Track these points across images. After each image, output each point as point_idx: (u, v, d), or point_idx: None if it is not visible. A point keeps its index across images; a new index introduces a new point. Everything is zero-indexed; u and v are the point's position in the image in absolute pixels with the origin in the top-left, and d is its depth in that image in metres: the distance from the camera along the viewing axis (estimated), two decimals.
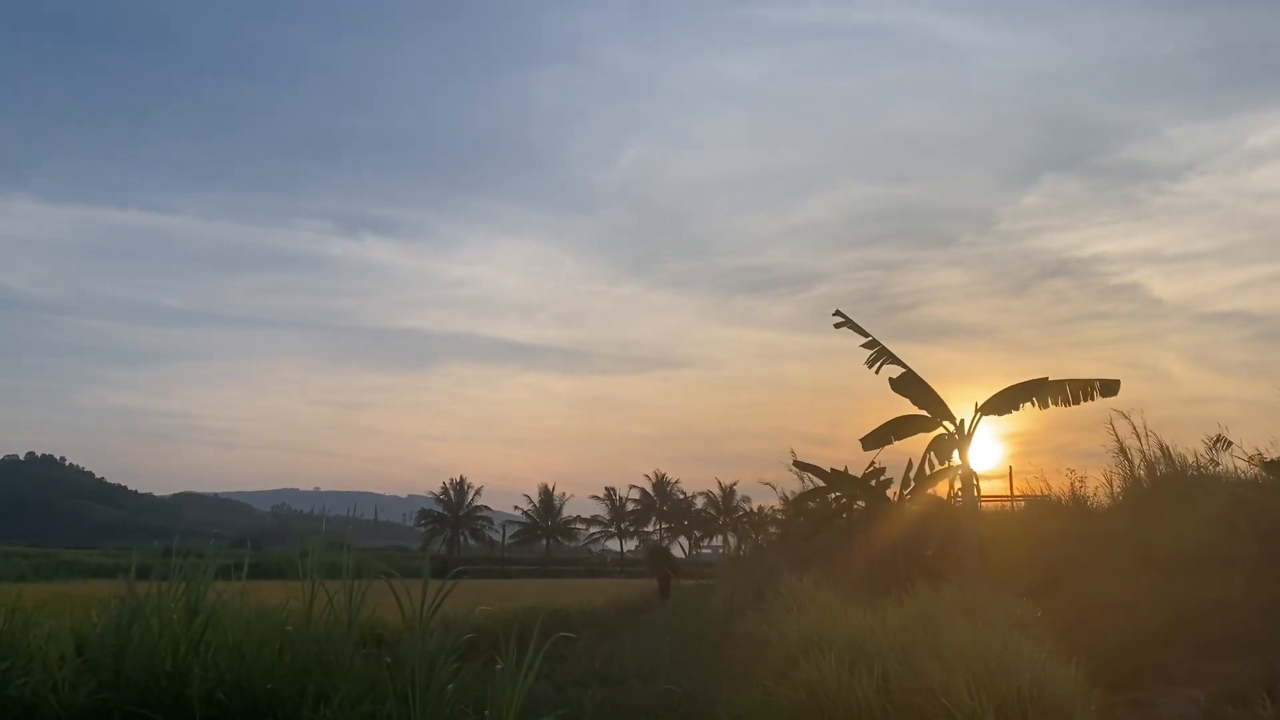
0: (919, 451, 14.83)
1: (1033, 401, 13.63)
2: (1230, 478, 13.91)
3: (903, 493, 15.90)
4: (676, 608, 19.39)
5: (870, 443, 14.96)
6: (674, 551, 48.08)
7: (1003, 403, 13.77)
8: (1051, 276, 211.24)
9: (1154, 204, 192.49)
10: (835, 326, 14.69)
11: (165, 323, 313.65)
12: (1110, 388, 13.49)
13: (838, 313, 14.71)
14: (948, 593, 9.70)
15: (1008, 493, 18.08)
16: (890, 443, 14.81)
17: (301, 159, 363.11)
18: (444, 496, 75.41)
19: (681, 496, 77.79)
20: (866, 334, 14.52)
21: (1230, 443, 13.91)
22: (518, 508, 76.61)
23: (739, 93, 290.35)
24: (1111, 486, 15.65)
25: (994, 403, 13.82)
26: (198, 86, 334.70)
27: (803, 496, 19.83)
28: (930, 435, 14.38)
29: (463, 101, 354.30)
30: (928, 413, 14.24)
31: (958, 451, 13.99)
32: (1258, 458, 13.31)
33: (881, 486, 16.57)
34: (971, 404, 14.04)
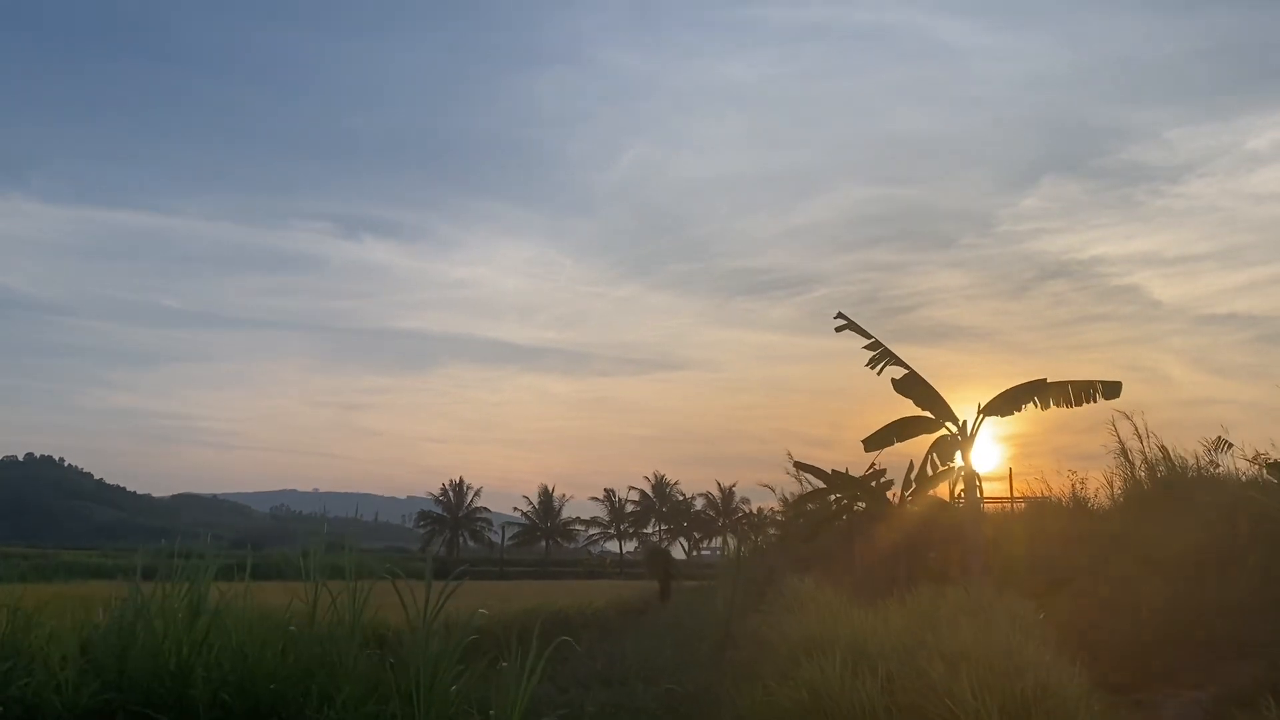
0: (919, 453, 14.86)
1: (1035, 402, 13.64)
2: (1231, 479, 13.90)
3: (904, 494, 15.88)
4: (677, 609, 19.31)
5: (872, 444, 14.95)
6: (674, 553, 48.07)
7: (1005, 404, 13.78)
8: (1051, 278, 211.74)
9: (1154, 206, 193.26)
10: (837, 329, 14.69)
11: (165, 323, 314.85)
12: (1113, 389, 13.50)
13: (840, 315, 14.72)
14: (951, 594, 9.71)
15: (1008, 494, 18.09)
16: (893, 444, 14.81)
17: (301, 159, 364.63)
18: (443, 498, 75.12)
19: (681, 498, 77.67)
20: (869, 336, 14.52)
21: (1231, 444, 13.91)
22: (517, 509, 76.46)
23: (739, 94, 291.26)
24: (1112, 488, 15.66)
25: (996, 404, 13.83)
26: (198, 86, 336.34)
27: (802, 498, 19.82)
28: (933, 436, 14.38)
29: (463, 103, 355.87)
30: (931, 414, 14.24)
31: (960, 453, 14.00)
32: (1260, 458, 13.29)
33: (882, 488, 16.55)
34: (973, 405, 14.06)
